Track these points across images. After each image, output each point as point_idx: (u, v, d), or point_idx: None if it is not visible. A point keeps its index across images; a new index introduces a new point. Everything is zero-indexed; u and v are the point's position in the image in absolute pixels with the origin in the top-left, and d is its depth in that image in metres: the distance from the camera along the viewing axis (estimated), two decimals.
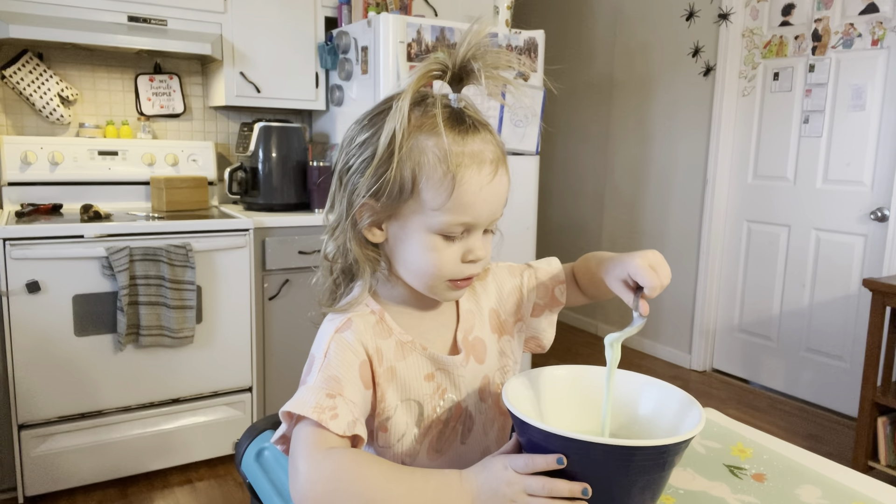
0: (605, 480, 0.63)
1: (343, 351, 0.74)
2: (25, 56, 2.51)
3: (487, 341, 0.88)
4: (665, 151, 3.74)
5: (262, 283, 2.47)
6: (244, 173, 2.71)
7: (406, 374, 0.79)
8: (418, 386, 0.80)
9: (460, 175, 0.72)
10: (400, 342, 0.79)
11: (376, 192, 0.74)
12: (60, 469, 2.16)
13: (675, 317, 3.74)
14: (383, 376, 0.77)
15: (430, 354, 0.80)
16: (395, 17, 2.43)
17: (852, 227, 2.93)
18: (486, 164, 0.74)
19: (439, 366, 0.81)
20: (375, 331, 0.78)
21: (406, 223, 0.75)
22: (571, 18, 4.34)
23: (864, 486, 0.80)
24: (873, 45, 2.81)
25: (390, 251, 0.79)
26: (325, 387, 0.70)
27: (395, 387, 0.78)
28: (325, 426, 0.66)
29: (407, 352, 0.79)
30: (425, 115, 0.74)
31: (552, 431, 0.62)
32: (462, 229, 0.74)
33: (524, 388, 0.77)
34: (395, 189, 0.73)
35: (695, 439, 0.91)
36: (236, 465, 0.98)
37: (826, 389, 3.08)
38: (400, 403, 0.79)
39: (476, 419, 0.86)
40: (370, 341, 0.77)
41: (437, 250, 0.75)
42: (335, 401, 0.69)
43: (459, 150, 0.72)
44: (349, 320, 0.77)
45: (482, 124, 0.76)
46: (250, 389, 2.47)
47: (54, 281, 2.07)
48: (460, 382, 0.83)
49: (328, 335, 0.76)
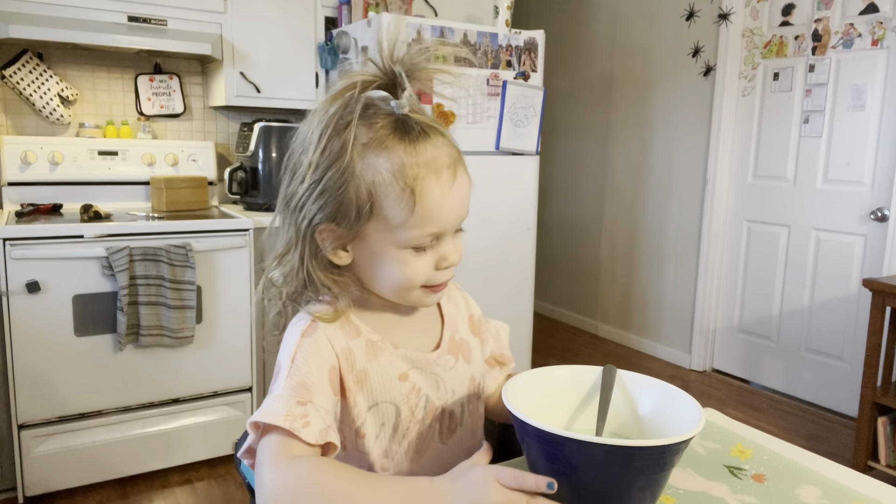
0: (605, 480, 0.63)
1: (311, 356, 0.72)
2: (25, 56, 2.51)
3: (471, 343, 0.87)
4: (665, 151, 3.74)
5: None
6: (244, 173, 2.71)
7: (378, 376, 0.76)
8: (392, 387, 0.78)
9: (419, 187, 0.69)
10: (369, 341, 0.77)
11: (333, 216, 0.71)
12: (60, 469, 2.16)
13: (675, 317, 3.74)
14: (354, 381, 0.75)
15: (401, 353, 0.78)
16: (396, 17, 2.43)
17: (852, 227, 2.93)
18: (443, 171, 0.71)
19: (414, 364, 0.79)
20: (344, 331, 0.76)
21: (372, 242, 0.72)
22: (571, 18, 4.34)
23: (864, 486, 0.80)
24: (873, 45, 2.81)
25: (359, 271, 0.77)
26: (294, 394, 0.68)
27: (366, 391, 0.76)
28: (297, 435, 0.64)
29: (378, 351, 0.77)
30: (370, 128, 0.70)
31: (552, 432, 0.62)
32: (431, 239, 0.72)
33: (524, 389, 0.77)
34: (352, 212, 0.70)
35: (695, 440, 0.91)
36: (236, 466, 0.98)
37: (826, 389, 3.08)
38: (373, 407, 0.77)
39: (463, 420, 0.85)
40: (339, 340, 0.75)
41: (409, 264, 0.73)
42: (306, 408, 0.66)
43: (413, 161, 0.69)
44: (314, 322, 0.74)
45: (431, 127, 0.73)
46: (250, 389, 2.47)
47: (54, 281, 2.07)
48: (441, 381, 0.81)
49: (294, 340, 0.73)
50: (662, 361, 3.78)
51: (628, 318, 4.05)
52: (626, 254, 4.02)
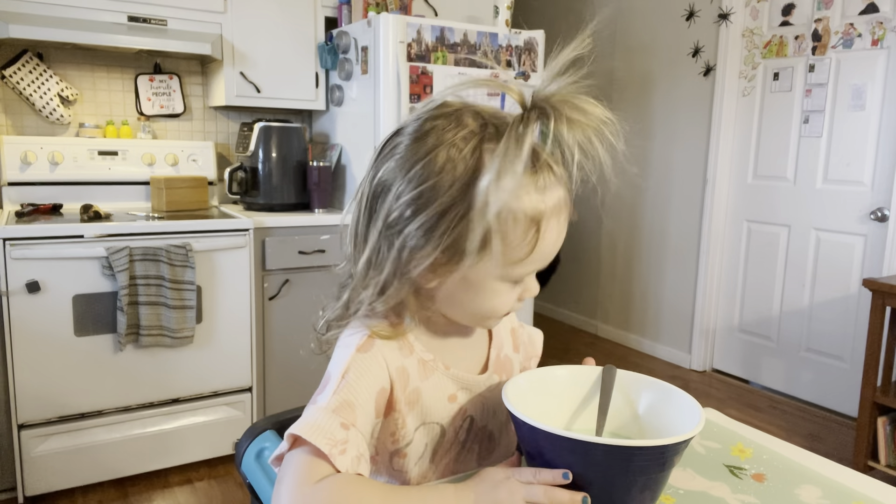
0: (605, 480, 0.63)
1: (363, 374, 0.69)
2: (25, 56, 2.51)
3: (514, 360, 0.86)
4: (665, 151, 3.74)
5: (262, 283, 2.47)
6: (244, 173, 2.71)
7: (429, 396, 0.75)
8: (441, 407, 0.76)
9: (544, 227, 0.65)
10: (422, 360, 0.74)
11: (445, 247, 0.65)
12: (60, 469, 2.16)
13: (675, 317, 3.74)
14: (405, 402, 0.73)
15: (452, 374, 0.76)
16: (395, 17, 2.43)
17: (852, 227, 2.93)
18: (563, 212, 0.68)
19: (463, 385, 0.78)
20: (400, 349, 0.73)
21: (471, 272, 0.67)
22: (571, 18, 4.34)
23: (864, 486, 0.80)
24: (873, 45, 2.81)
25: (442, 294, 0.71)
26: (339, 413, 0.65)
27: (417, 411, 0.74)
28: (332, 461, 0.61)
29: (429, 371, 0.75)
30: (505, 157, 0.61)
31: (552, 432, 0.62)
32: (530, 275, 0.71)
33: (524, 389, 0.77)
34: (471, 244, 0.64)
35: (695, 439, 0.91)
36: (236, 466, 0.98)
37: (826, 389, 3.08)
38: (420, 427, 0.75)
39: (501, 441, 0.84)
40: (394, 360, 0.72)
41: (502, 295, 0.70)
42: (348, 433, 0.64)
43: (540, 197, 0.65)
44: (371, 338, 0.71)
45: (556, 163, 0.67)
46: (250, 389, 2.47)
47: (54, 281, 2.07)
48: (486, 403, 0.80)
49: (348, 354, 0.70)
50: (662, 361, 3.78)
51: (628, 318, 4.05)
52: (626, 254, 4.02)
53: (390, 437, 0.74)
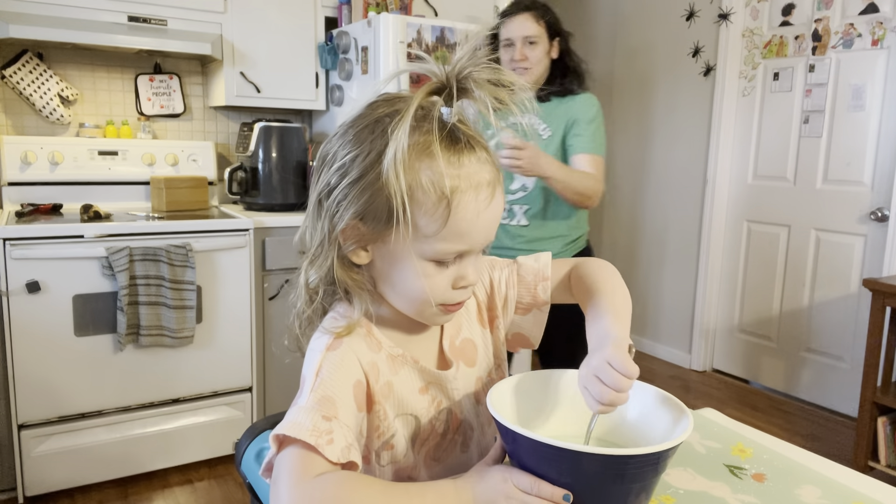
0: (596, 487, 0.63)
1: (336, 369, 0.70)
2: (25, 56, 2.51)
3: (477, 339, 0.86)
4: (665, 151, 3.74)
5: (262, 283, 2.47)
6: (244, 173, 2.71)
7: (401, 389, 0.76)
8: (414, 400, 0.78)
9: (456, 201, 0.67)
10: (391, 356, 0.76)
11: (362, 215, 0.69)
12: (60, 469, 2.16)
13: (675, 317, 3.74)
14: (380, 393, 0.75)
15: (421, 368, 0.78)
16: (395, 17, 2.43)
17: (852, 227, 2.93)
18: (482, 188, 0.69)
19: (431, 379, 0.79)
20: (368, 345, 0.75)
21: (395, 247, 0.70)
22: (571, 18, 4.34)
23: (864, 486, 0.80)
24: (873, 45, 2.81)
25: (376, 273, 0.75)
26: (319, 408, 0.66)
27: (392, 402, 0.76)
28: (321, 452, 0.62)
29: (398, 365, 0.77)
30: (418, 131, 0.67)
31: (542, 441, 0.61)
32: (455, 255, 0.71)
33: (508, 394, 0.76)
34: (383, 213, 0.68)
35: (695, 439, 0.91)
36: (236, 466, 0.98)
37: (826, 389, 3.08)
38: (397, 418, 0.77)
39: (475, 424, 0.84)
40: (364, 355, 0.74)
41: (429, 276, 0.70)
42: (331, 424, 0.65)
43: (455, 172, 0.67)
44: (338, 338, 0.73)
45: (477, 142, 0.70)
46: (250, 389, 2.47)
47: (54, 281, 2.07)
48: (454, 394, 0.81)
49: (319, 354, 0.72)
50: (662, 361, 3.78)
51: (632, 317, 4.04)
52: (626, 254, 4.02)
53: (376, 433, 0.75)
